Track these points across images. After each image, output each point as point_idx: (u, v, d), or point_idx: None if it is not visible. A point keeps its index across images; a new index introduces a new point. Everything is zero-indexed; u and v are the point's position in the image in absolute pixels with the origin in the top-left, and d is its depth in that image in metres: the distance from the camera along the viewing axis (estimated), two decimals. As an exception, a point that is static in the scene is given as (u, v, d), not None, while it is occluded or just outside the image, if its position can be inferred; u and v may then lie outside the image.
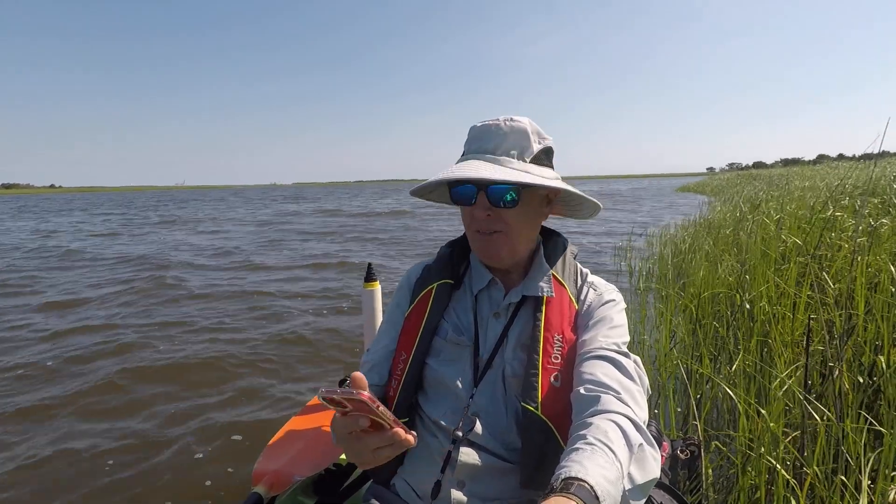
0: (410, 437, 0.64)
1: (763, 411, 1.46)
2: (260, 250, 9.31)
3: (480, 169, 0.84)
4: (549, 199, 0.95)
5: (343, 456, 1.43)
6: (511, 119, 0.89)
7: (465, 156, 0.91)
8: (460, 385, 0.89)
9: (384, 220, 15.79)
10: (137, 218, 20.24)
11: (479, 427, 0.86)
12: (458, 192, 0.88)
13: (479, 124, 0.92)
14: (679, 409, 2.09)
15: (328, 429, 1.50)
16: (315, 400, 1.75)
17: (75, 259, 8.43)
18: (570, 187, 0.89)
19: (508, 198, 0.85)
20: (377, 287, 1.89)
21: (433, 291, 0.96)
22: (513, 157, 0.87)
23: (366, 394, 0.58)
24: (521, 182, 0.82)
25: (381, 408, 0.60)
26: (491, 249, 0.90)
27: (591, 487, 0.57)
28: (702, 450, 1.31)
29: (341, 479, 1.34)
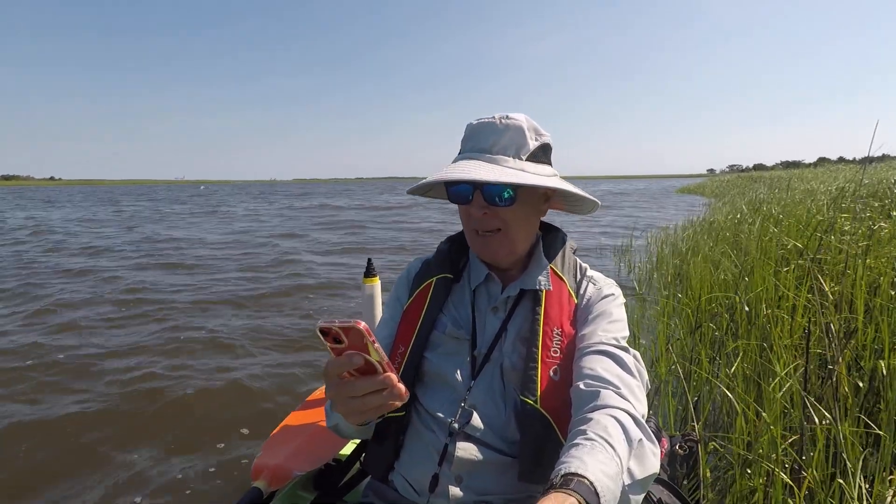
0: (402, 387, 0.62)
1: (764, 414, 1.46)
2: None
3: (475, 169, 0.84)
4: (548, 195, 0.95)
5: (343, 451, 1.43)
6: (506, 116, 0.89)
7: (461, 154, 0.91)
8: (458, 378, 0.89)
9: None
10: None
11: (476, 420, 0.85)
12: (455, 191, 0.89)
13: (474, 122, 0.92)
14: (679, 408, 2.09)
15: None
16: (314, 395, 1.75)
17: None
18: (566, 185, 0.89)
19: (505, 195, 0.85)
20: (377, 282, 1.90)
21: (432, 285, 0.97)
22: (508, 156, 0.87)
23: (363, 323, 0.57)
24: (515, 182, 0.82)
25: (377, 344, 0.59)
26: (489, 249, 0.91)
27: (591, 483, 0.57)
28: (700, 446, 1.31)
29: (340, 475, 1.34)
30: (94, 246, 9.03)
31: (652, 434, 0.73)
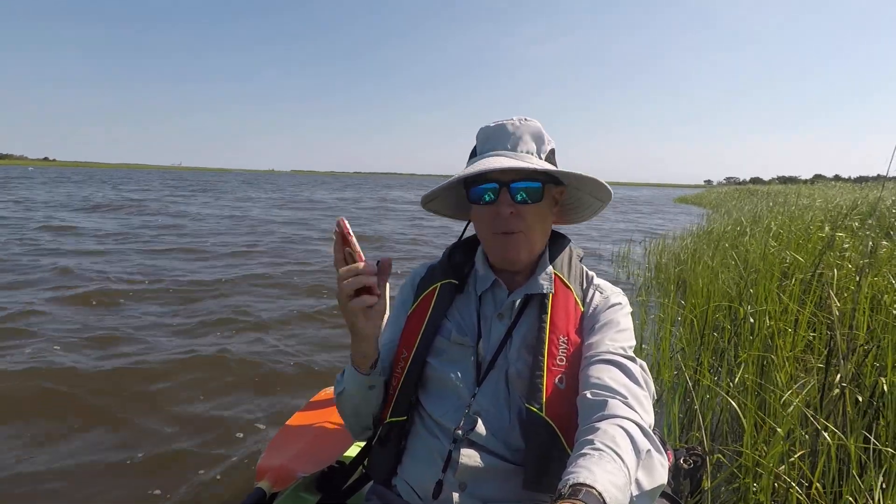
0: (365, 264, 0.78)
1: (779, 430, 1.46)
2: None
3: (506, 163, 0.85)
4: (556, 199, 0.96)
5: (347, 453, 1.42)
6: (525, 119, 0.92)
7: (481, 155, 0.91)
8: (462, 385, 0.88)
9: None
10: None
11: (480, 427, 0.85)
12: (479, 191, 0.88)
13: (491, 124, 0.93)
14: (681, 415, 2.08)
15: (331, 425, 1.50)
16: (318, 396, 1.74)
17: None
18: (598, 178, 0.89)
19: (533, 193, 0.87)
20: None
21: (436, 291, 0.97)
22: (531, 154, 0.88)
23: (344, 221, 0.79)
24: (556, 172, 0.85)
25: (353, 239, 0.79)
26: (511, 250, 0.90)
27: (600, 494, 0.57)
28: (706, 461, 1.30)
29: (344, 477, 1.33)
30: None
31: (660, 445, 0.73)
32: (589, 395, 0.77)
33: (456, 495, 0.82)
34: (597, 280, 0.97)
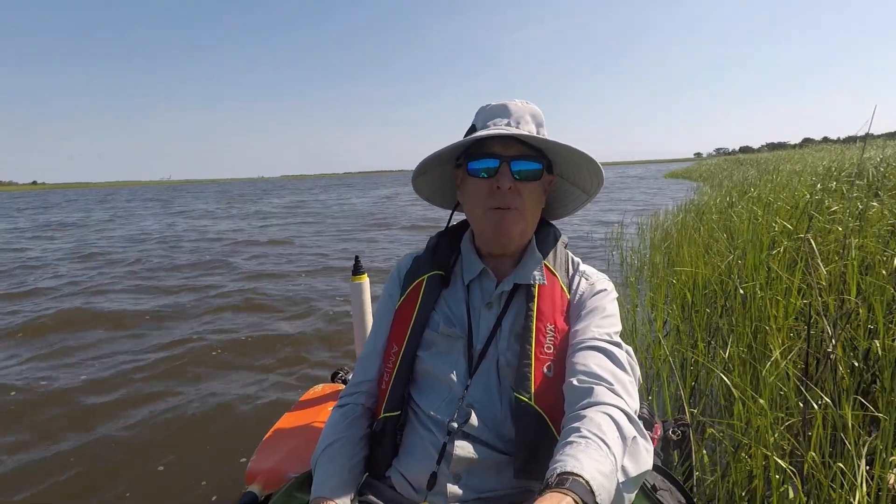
0: None
1: (762, 401, 1.46)
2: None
3: (514, 131, 0.86)
4: (545, 188, 0.95)
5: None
6: (526, 102, 0.93)
7: (483, 129, 0.90)
8: (454, 377, 0.88)
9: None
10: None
11: (474, 418, 0.85)
12: (479, 165, 0.89)
13: (493, 103, 0.93)
14: (680, 393, 2.09)
15: (321, 424, 1.49)
16: (306, 395, 1.73)
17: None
18: (596, 160, 0.90)
19: (534, 172, 0.88)
20: (365, 280, 1.86)
21: (423, 283, 0.96)
22: (532, 131, 0.90)
23: None
24: (562, 146, 0.86)
25: None
26: (504, 225, 0.89)
27: (587, 482, 0.58)
28: (691, 430, 1.32)
29: None
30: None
31: (645, 431, 0.73)
32: (575, 382, 0.77)
33: (451, 486, 0.82)
34: (582, 266, 0.97)
